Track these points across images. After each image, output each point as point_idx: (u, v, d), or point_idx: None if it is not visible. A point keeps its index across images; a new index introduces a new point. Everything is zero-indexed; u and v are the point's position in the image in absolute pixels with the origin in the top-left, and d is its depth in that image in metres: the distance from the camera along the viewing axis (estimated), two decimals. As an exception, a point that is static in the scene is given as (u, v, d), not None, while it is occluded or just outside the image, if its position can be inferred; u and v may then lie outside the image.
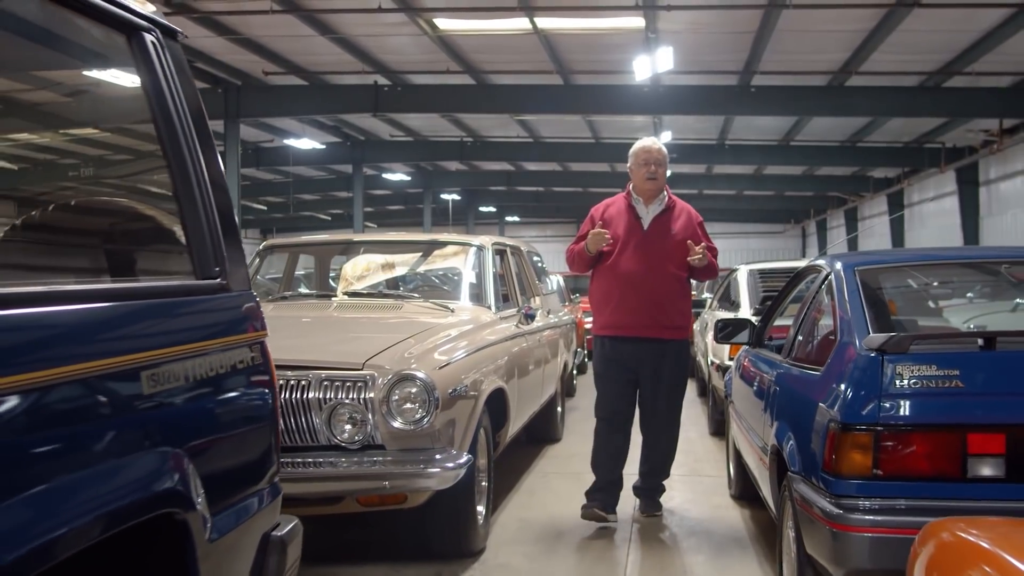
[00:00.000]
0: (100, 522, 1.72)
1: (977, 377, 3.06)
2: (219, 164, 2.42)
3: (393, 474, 4.15)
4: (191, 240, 2.30)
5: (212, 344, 2.25)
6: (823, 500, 3.15)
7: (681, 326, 5.57)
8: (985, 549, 1.83)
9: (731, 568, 4.76)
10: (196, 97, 2.38)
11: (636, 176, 5.60)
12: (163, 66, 2.26)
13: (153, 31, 2.26)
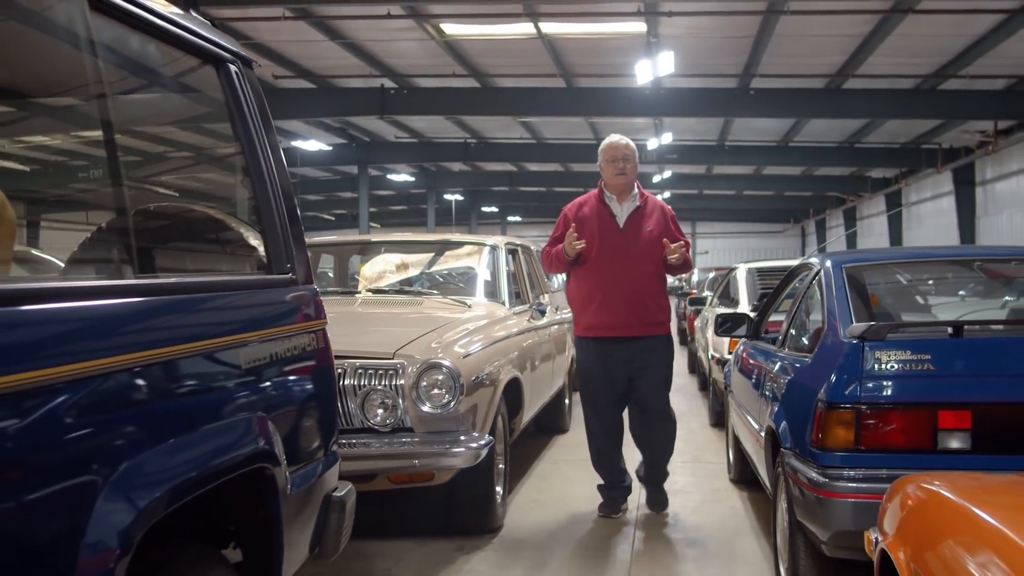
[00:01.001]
0: (223, 467, 2.12)
1: (946, 361, 3.45)
2: (288, 176, 2.81)
3: (422, 453, 4.54)
4: (267, 241, 2.70)
5: (286, 329, 2.65)
6: (811, 471, 3.54)
7: (662, 321, 5.59)
8: (943, 496, 2.20)
9: (730, 541, 5.16)
10: (268, 117, 2.77)
11: (606, 173, 5.59)
12: (243, 91, 2.66)
13: (236, 62, 2.65)
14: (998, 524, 1.79)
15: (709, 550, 5.01)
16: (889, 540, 2.23)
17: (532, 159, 28.12)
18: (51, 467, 1.65)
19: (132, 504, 1.77)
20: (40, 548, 1.61)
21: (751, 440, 5.08)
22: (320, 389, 2.83)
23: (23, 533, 1.57)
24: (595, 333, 5.52)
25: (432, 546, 5.03)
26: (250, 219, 2.75)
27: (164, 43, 2.35)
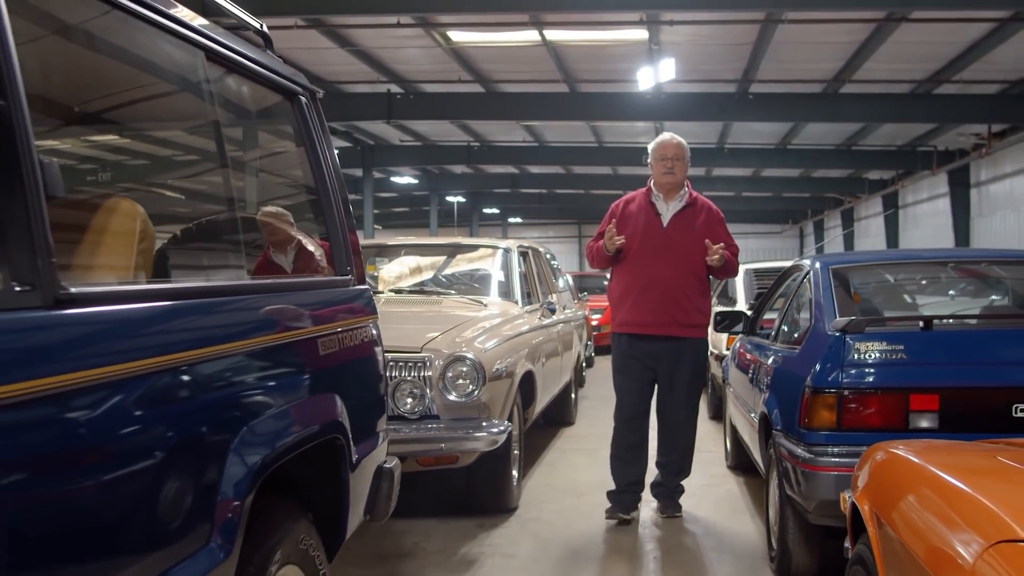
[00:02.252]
0: (311, 434, 2.58)
1: (917, 351, 3.91)
2: (346, 193, 3.27)
3: (448, 438, 5.00)
4: (332, 248, 3.17)
5: (349, 322, 3.11)
6: (799, 449, 4.00)
7: (699, 324, 5.53)
8: (903, 456, 2.64)
9: (727, 518, 5.63)
10: (330, 140, 3.23)
11: (655, 171, 5.57)
12: (311, 119, 3.12)
13: (305, 94, 3.12)
14: (942, 474, 2.23)
15: (708, 526, 5.47)
16: (858, 494, 2.68)
17: (534, 162, 28.50)
18: (208, 422, 2.13)
19: (253, 456, 2.24)
20: (195, 486, 2.07)
21: (746, 426, 5.54)
22: (374, 373, 3.29)
23: (185, 474, 2.04)
24: (629, 329, 5.50)
25: (454, 524, 5.49)
26: (318, 228, 3.22)
27: (254, 82, 2.82)
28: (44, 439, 1.59)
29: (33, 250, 1.60)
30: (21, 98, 1.61)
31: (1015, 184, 22.50)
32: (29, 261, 1.60)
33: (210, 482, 2.10)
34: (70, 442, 1.67)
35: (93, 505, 1.71)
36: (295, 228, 3.30)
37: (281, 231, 3.25)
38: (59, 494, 1.62)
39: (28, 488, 1.55)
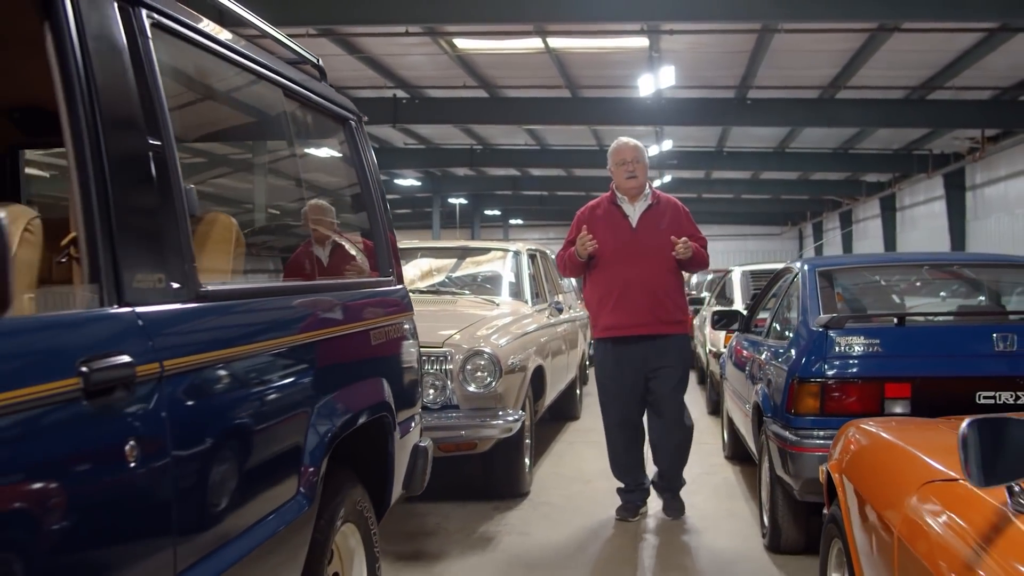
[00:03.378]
0: (366, 410, 3.05)
1: (891, 344, 4.38)
2: (387, 204, 3.73)
3: (467, 426, 5.45)
4: (376, 251, 3.63)
5: (393, 317, 3.58)
6: (787, 433, 4.47)
7: (680, 320, 5.60)
8: (869, 430, 3.09)
9: (723, 502, 6.09)
10: (374, 158, 3.69)
11: (617, 177, 5.61)
12: (360, 142, 3.58)
13: (354, 119, 3.58)
14: (892, 439, 2.69)
15: (706, 508, 5.92)
16: (831, 464, 3.14)
17: (536, 164, 28.88)
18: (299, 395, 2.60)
19: (328, 425, 2.71)
20: (290, 447, 2.53)
21: (741, 416, 6.00)
22: (411, 362, 3.75)
23: (285, 436, 2.50)
24: (612, 333, 5.55)
25: (472, 506, 5.95)
26: (364, 235, 3.69)
27: (316, 111, 3.29)
28: (197, 404, 2.04)
29: (182, 256, 2.06)
30: (172, 140, 2.06)
31: (1009, 187, 22.90)
32: (179, 265, 2.05)
33: (299, 444, 2.55)
34: (211, 406, 2.12)
35: (224, 456, 2.17)
36: (336, 226, 3.75)
37: (323, 225, 3.68)
38: (206, 446, 2.08)
39: (191, 438, 2.01)
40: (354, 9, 12.64)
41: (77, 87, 1.81)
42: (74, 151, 1.80)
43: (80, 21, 1.84)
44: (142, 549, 1.82)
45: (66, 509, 1.59)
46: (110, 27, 1.95)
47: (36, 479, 1.53)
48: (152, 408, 1.83)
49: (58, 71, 1.80)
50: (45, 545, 1.54)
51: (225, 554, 2.10)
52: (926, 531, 1.99)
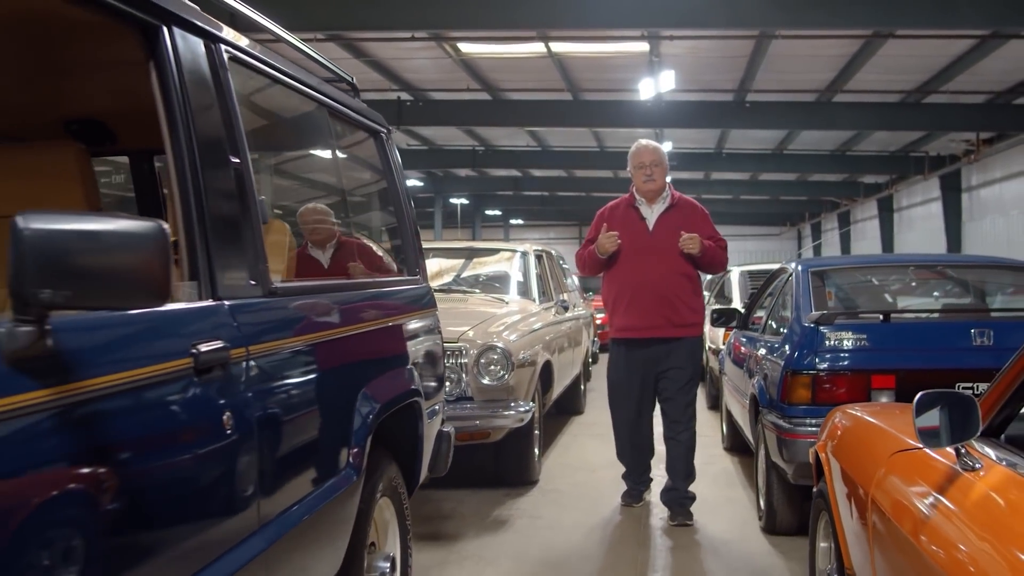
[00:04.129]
0: (401, 395, 3.39)
1: (877, 339, 4.72)
2: (413, 208, 4.08)
3: (481, 416, 5.79)
4: (406, 254, 3.98)
5: (421, 312, 3.92)
6: (781, 421, 4.80)
7: (693, 323, 5.65)
8: (853, 413, 3.43)
9: (722, 489, 6.45)
10: (401, 167, 4.03)
11: (635, 179, 5.67)
12: (389, 152, 3.92)
13: (384, 132, 3.92)
14: (869, 418, 3.03)
15: (706, 495, 6.24)
16: (819, 444, 3.48)
17: (537, 165, 29.16)
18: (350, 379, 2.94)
19: (372, 406, 3.05)
20: (341, 425, 2.86)
21: (739, 408, 6.34)
22: (436, 353, 4.09)
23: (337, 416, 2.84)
24: (625, 334, 5.63)
25: (484, 493, 6.29)
26: (394, 238, 4.04)
27: (354, 125, 3.63)
28: (272, 384, 2.38)
29: (257, 258, 2.40)
30: (247, 156, 2.40)
31: (1004, 189, 23.18)
32: (256, 265, 2.39)
33: (349, 423, 2.88)
34: (283, 386, 2.46)
35: (293, 429, 2.51)
36: (335, 227, 4.07)
37: (323, 229, 4.02)
38: (280, 420, 2.42)
39: (269, 413, 2.34)
40: (363, 15, 12.93)
41: (177, 112, 2.14)
42: (175, 168, 2.13)
43: (177, 56, 2.17)
44: (237, 503, 2.16)
45: (184, 466, 1.94)
46: (199, 61, 2.29)
47: (163, 441, 1.88)
48: (241, 386, 2.17)
49: (161, 99, 2.14)
50: (165, 493, 1.88)
51: (295, 513, 2.44)
52: (892, 491, 2.33)
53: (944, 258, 6.30)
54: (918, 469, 2.26)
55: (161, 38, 2.13)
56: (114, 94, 3.17)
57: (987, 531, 1.76)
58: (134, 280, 1.52)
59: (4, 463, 1.42)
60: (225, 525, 2.11)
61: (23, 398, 1.45)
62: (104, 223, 1.52)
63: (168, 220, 2.18)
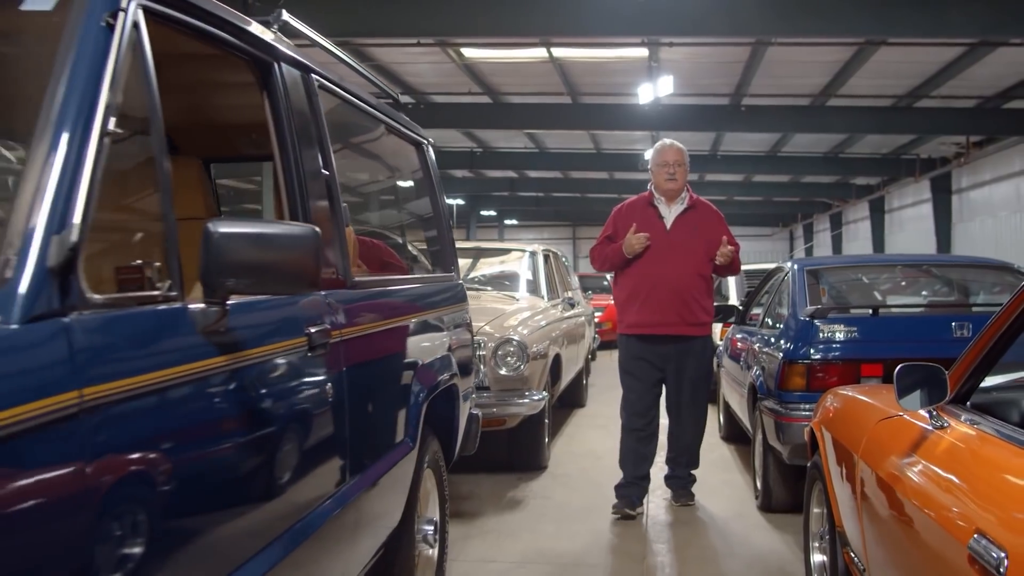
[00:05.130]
0: (445, 376, 3.83)
1: (866, 332, 5.16)
2: (448, 211, 4.52)
3: (498, 404, 6.23)
4: (444, 253, 4.42)
5: (457, 305, 4.36)
6: (778, 406, 5.25)
7: (705, 322, 5.73)
8: (843, 393, 3.86)
9: (720, 474, 6.90)
10: (439, 174, 4.48)
11: (657, 177, 5.71)
12: (429, 160, 4.36)
13: (424, 143, 4.36)
14: (857, 395, 3.47)
15: (705, 478, 6.67)
16: (814, 422, 3.92)
17: (534, 167, 29.53)
18: (411, 360, 3.38)
19: (432, 377, 3.49)
20: (404, 400, 3.30)
21: (737, 398, 6.79)
22: (469, 343, 4.53)
23: (404, 392, 3.28)
24: (637, 331, 5.68)
25: (498, 477, 6.73)
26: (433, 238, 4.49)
27: (401, 137, 4.07)
28: (358, 361, 2.81)
29: (343, 255, 2.83)
30: (334, 168, 2.84)
31: (993, 191, 23.60)
32: (342, 261, 2.83)
33: (409, 398, 3.33)
34: (365, 363, 2.90)
35: (372, 401, 2.95)
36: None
37: None
38: (363, 392, 2.86)
39: (356, 386, 2.78)
40: (372, 23, 13.31)
41: (285, 130, 2.58)
42: (284, 177, 2.57)
43: (284, 87, 2.61)
44: (333, 459, 2.60)
45: (305, 422, 2.38)
46: (299, 89, 2.72)
47: (294, 400, 2.34)
48: (337, 362, 2.61)
49: (272, 120, 2.58)
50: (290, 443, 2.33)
51: (374, 470, 2.88)
52: (875, 450, 2.77)
53: (929, 258, 6.79)
54: (898, 431, 2.70)
55: (274, 72, 2.57)
56: (181, 111, 3.61)
57: (952, 474, 2.20)
58: (294, 272, 1.96)
59: (198, 410, 1.87)
60: (329, 474, 2.56)
61: (212, 362, 1.90)
62: (272, 228, 1.96)
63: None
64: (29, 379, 1.39)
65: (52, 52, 1.68)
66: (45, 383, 1.41)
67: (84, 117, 1.59)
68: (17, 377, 1.37)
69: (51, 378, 1.42)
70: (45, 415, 1.38)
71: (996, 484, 1.97)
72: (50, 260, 1.46)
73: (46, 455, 1.40)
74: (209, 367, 1.89)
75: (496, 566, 4.84)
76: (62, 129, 1.56)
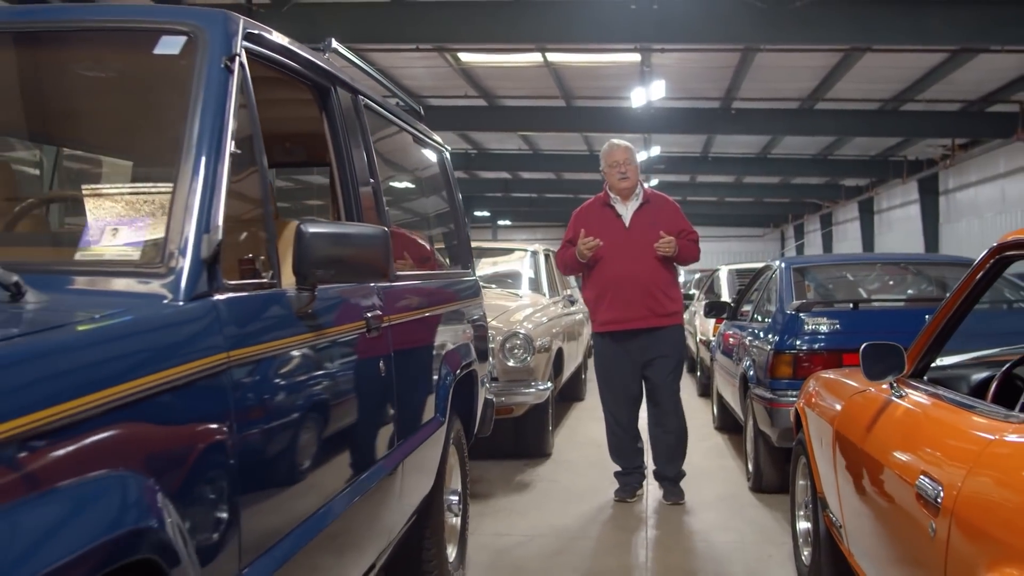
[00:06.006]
0: (468, 360, 4.25)
1: (848, 324, 5.60)
2: (464, 213, 4.95)
3: (506, 393, 6.65)
4: (461, 250, 4.85)
5: (474, 300, 4.79)
6: (767, 394, 5.69)
7: (674, 312, 5.84)
8: (825, 375, 4.29)
9: (715, 460, 7.33)
10: (456, 180, 4.91)
11: (609, 178, 5.87)
12: (448, 167, 4.79)
13: (444, 151, 4.79)
14: (834, 376, 3.92)
15: (700, 464, 7.12)
16: (798, 404, 4.36)
17: (527, 168, 29.96)
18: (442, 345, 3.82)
19: (456, 362, 3.92)
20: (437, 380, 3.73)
21: (730, 389, 7.23)
22: (485, 332, 4.96)
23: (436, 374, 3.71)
24: (609, 328, 5.85)
25: (506, 463, 7.16)
26: (452, 238, 4.92)
27: (424, 146, 4.51)
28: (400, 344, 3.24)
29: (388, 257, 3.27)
30: (378, 176, 3.27)
31: (979, 192, 24.03)
32: (385, 261, 3.27)
33: (439, 378, 3.75)
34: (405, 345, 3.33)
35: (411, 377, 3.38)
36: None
37: None
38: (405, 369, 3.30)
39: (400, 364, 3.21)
40: (374, 30, 13.68)
41: (342, 145, 3.01)
42: (340, 184, 3.00)
43: (340, 107, 3.04)
44: (388, 425, 3.04)
45: (364, 394, 2.81)
46: (350, 109, 3.16)
47: (359, 374, 2.76)
48: (387, 343, 3.04)
49: (330, 136, 3.01)
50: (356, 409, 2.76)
51: (415, 439, 3.31)
52: (848, 418, 3.21)
53: (906, 257, 7.28)
54: (865, 402, 3.14)
55: (332, 95, 3.00)
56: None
57: (905, 432, 2.65)
58: (369, 264, 2.39)
59: (298, 371, 2.30)
60: (385, 436, 3.00)
61: (304, 336, 2.33)
62: (351, 228, 2.40)
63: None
64: (193, 344, 1.83)
65: (180, 87, 2.11)
66: (204, 348, 1.85)
67: (216, 141, 2.02)
68: (186, 343, 1.81)
69: (210, 343, 1.86)
70: (208, 369, 1.83)
71: (938, 437, 2.41)
72: (203, 253, 1.90)
73: (208, 398, 1.86)
74: (304, 340, 2.32)
75: (509, 539, 5.27)
76: (202, 151, 1.99)
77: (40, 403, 1.38)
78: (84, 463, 1.43)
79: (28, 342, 1.48)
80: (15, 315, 1.60)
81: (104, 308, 1.73)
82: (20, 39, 2.43)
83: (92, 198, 2.32)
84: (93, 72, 2.57)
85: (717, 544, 5.24)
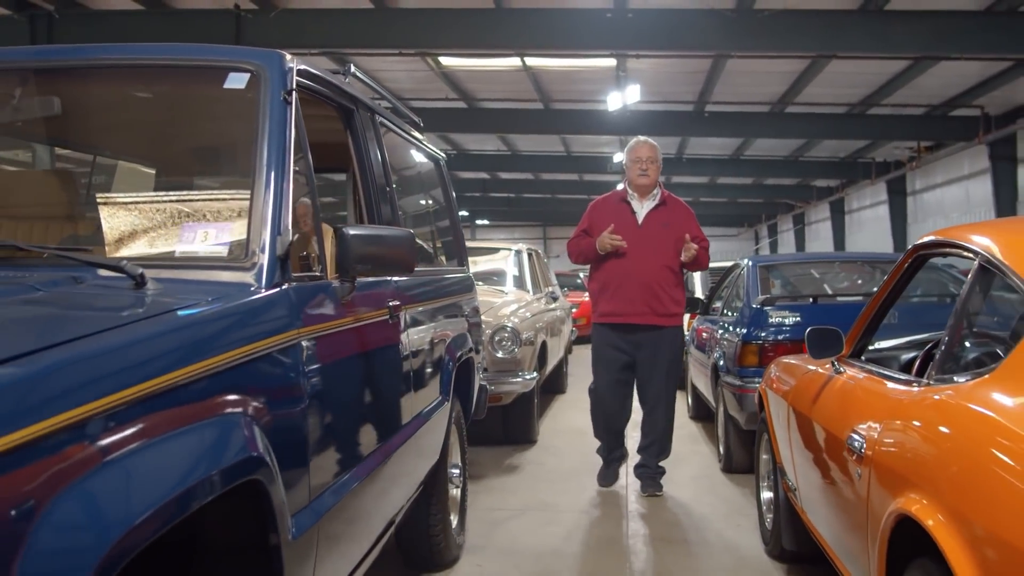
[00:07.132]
0: (468, 349, 4.74)
1: (808, 316, 6.12)
2: (459, 214, 5.44)
3: (496, 382, 7.13)
4: (457, 248, 5.34)
5: (469, 294, 5.27)
6: (735, 381, 6.21)
7: (675, 313, 5.90)
8: (785, 361, 4.80)
9: (689, 446, 7.83)
10: (452, 185, 5.40)
11: (630, 173, 5.93)
12: (445, 173, 5.29)
13: (441, 159, 5.28)
14: (791, 360, 4.45)
15: (676, 450, 7.56)
16: (761, 387, 4.88)
17: (505, 169, 30.37)
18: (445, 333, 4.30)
19: (456, 349, 4.41)
20: (442, 363, 4.21)
21: (702, 378, 7.76)
22: (479, 323, 5.45)
23: (440, 358, 4.20)
24: (609, 319, 5.94)
25: (495, 449, 7.65)
26: (448, 238, 5.41)
27: (423, 154, 5.00)
28: (416, 328, 3.73)
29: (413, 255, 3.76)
30: (393, 184, 3.76)
31: (945, 193, 24.65)
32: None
33: (446, 362, 4.24)
34: (421, 329, 3.82)
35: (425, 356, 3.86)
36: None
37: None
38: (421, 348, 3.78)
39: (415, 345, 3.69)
40: (358, 36, 14.08)
41: (364, 157, 3.50)
42: (363, 191, 3.48)
43: (361, 125, 3.53)
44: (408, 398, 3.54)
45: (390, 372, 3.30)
46: (368, 125, 3.64)
47: (383, 354, 3.26)
48: (404, 328, 3.53)
49: (353, 149, 3.49)
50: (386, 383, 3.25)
51: (426, 413, 3.80)
52: (799, 394, 3.73)
53: (862, 255, 7.87)
54: (814, 378, 3.66)
55: (355, 115, 3.49)
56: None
57: (841, 400, 3.18)
58: (398, 261, 2.88)
59: (344, 349, 2.79)
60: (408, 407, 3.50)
61: (343, 321, 2.82)
62: (384, 231, 2.89)
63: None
64: (276, 323, 2.31)
65: (247, 116, 2.59)
66: (283, 326, 2.33)
67: (282, 160, 2.50)
68: (271, 321, 2.29)
69: (285, 323, 2.35)
70: (286, 342, 2.31)
71: (864, 402, 2.95)
72: (277, 251, 2.39)
73: (285, 367, 2.34)
74: (346, 323, 2.82)
75: (502, 513, 5.77)
76: (271, 169, 2.47)
77: (176, 363, 1.85)
78: (212, 408, 1.92)
79: (166, 319, 1.96)
80: (139, 298, 2.09)
81: (206, 295, 2.20)
82: (108, 73, 2.91)
83: (182, 205, 2.78)
84: (172, 101, 3.05)
85: (692, 515, 5.76)
